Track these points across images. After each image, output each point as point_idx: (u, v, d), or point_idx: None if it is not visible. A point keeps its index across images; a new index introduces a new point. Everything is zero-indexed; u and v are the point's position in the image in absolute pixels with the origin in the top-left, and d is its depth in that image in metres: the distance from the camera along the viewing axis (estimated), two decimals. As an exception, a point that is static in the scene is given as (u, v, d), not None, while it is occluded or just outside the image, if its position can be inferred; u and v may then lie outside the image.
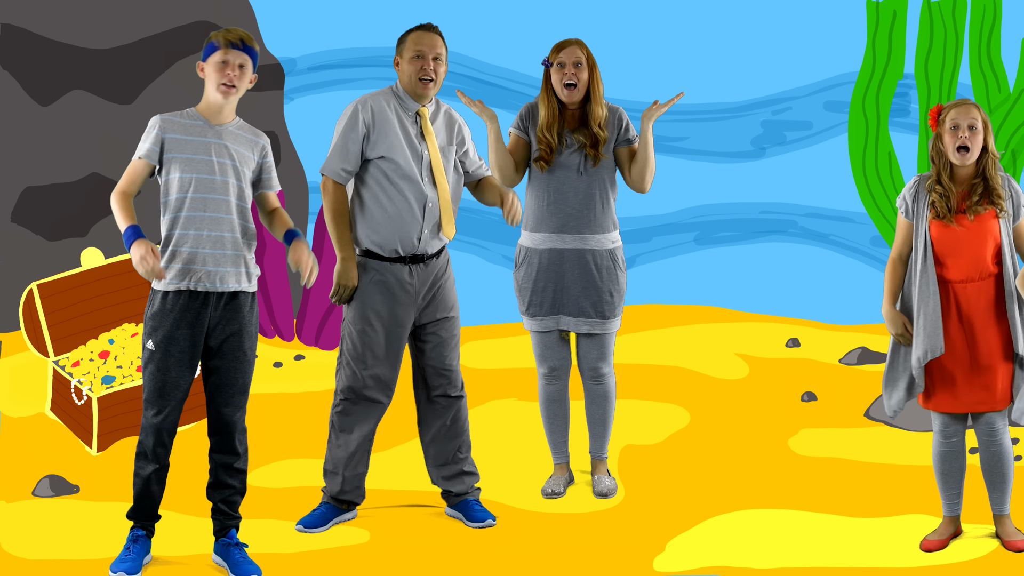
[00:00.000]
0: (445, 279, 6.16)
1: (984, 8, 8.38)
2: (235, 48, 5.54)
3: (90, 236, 8.68)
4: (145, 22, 8.82)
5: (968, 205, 5.64)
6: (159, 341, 5.52)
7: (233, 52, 5.54)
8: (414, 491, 6.52)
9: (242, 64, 5.55)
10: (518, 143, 6.30)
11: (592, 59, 6.23)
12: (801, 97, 9.20)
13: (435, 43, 6.02)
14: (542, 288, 6.35)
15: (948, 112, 5.65)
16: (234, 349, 5.61)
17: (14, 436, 7.19)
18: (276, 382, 7.93)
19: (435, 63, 6.00)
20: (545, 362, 6.46)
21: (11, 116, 8.74)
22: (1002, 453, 5.77)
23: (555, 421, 6.53)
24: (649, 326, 8.77)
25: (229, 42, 5.54)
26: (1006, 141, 8.37)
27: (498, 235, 9.15)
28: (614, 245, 6.34)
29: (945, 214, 5.63)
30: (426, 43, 6.01)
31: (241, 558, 5.71)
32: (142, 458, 5.61)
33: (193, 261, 5.51)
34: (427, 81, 5.99)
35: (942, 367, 5.71)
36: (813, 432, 6.97)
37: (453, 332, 6.19)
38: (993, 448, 5.76)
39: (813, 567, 5.71)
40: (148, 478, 5.63)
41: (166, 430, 5.57)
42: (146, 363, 5.57)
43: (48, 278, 7.34)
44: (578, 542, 5.99)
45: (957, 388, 5.72)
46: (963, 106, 5.64)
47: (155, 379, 5.54)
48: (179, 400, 5.56)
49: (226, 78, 5.53)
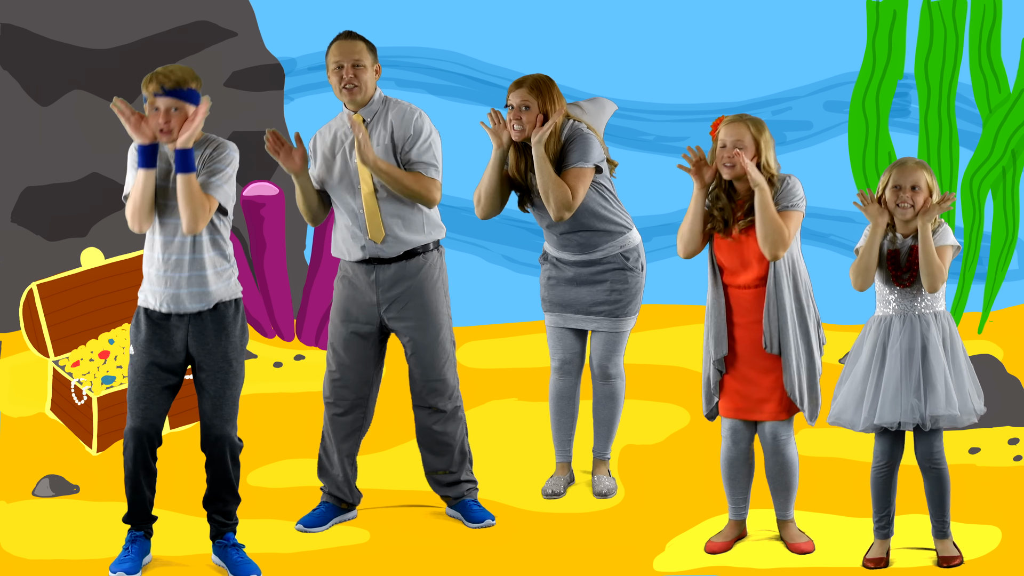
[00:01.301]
0: (419, 281, 6.09)
1: (984, 8, 8.37)
2: (159, 95, 5.47)
3: (90, 236, 8.67)
4: (145, 22, 8.81)
5: (740, 217, 5.72)
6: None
7: (160, 100, 5.47)
8: (414, 491, 6.51)
9: (176, 108, 5.48)
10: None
11: (539, 100, 6.17)
12: (801, 97, 9.19)
13: (351, 49, 6.01)
14: (554, 284, 6.37)
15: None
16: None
17: (14, 436, 7.18)
18: (276, 382, 7.93)
19: (356, 69, 5.99)
20: (556, 355, 6.47)
21: (11, 116, 8.73)
22: (785, 463, 5.79)
23: (561, 418, 6.52)
24: (649, 326, 8.76)
25: (154, 93, 5.46)
26: (1006, 141, 8.37)
27: (498, 235, 9.15)
28: (622, 248, 6.34)
29: (721, 228, 5.74)
30: (343, 52, 6.01)
31: (240, 558, 5.71)
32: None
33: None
34: (350, 88, 5.99)
35: (730, 372, 5.78)
36: (813, 432, 6.96)
37: (427, 339, 6.12)
38: (777, 457, 5.78)
39: (813, 567, 5.71)
40: (139, 483, 5.67)
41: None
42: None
43: (48, 278, 7.34)
44: (578, 542, 5.98)
45: (739, 394, 5.77)
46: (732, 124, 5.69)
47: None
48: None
49: (164, 124, 5.47)
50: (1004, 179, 8.46)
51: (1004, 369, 7.30)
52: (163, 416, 5.65)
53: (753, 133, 5.65)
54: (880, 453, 5.65)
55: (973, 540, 5.85)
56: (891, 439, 5.62)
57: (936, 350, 5.53)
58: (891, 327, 5.59)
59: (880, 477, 5.67)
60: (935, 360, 5.53)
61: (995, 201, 8.51)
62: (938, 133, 8.46)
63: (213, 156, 5.54)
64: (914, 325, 5.55)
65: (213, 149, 5.55)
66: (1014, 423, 6.98)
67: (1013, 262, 8.95)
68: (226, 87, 8.74)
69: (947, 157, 8.46)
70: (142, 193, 5.46)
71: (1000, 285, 8.58)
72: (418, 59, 8.97)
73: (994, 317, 8.76)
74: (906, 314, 5.57)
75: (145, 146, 5.45)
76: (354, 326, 6.13)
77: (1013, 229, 8.49)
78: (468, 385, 7.03)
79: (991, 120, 8.38)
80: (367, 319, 6.12)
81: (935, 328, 5.56)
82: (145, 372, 5.61)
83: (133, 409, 5.62)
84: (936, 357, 5.53)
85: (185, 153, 5.43)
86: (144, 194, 5.46)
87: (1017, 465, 6.68)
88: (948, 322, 5.59)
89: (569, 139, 6.18)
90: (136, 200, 5.47)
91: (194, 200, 5.43)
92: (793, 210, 5.64)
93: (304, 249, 8.93)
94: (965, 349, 5.62)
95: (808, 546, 5.82)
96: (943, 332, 5.57)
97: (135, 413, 5.61)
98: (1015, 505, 6.24)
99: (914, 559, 5.72)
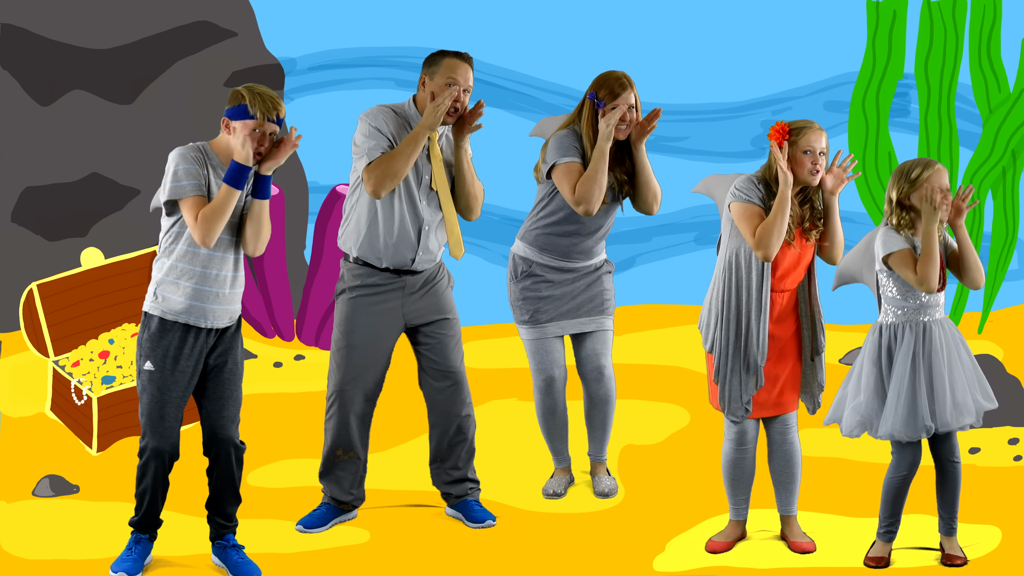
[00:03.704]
0: (437, 282, 6.14)
1: (984, 8, 8.38)
2: (271, 121, 5.45)
3: (90, 236, 8.67)
4: (145, 22, 8.81)
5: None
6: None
7: (269, 125, 5.45)
8: (414, 491, 6.52)
9: (272, 133, 5.49)
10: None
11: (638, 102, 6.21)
12: (801, 97, 9.19)
13: (469, 76, 5.97)
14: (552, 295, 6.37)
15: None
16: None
17: (14, 436, 7.19)
18: (276, 382, 7.93)
19: (466, 95, 5.97)
20: (545, 371, 6.44)
21: (11, 116, 8.73)
22: (793, 453, 5.84)
23: (553, 431, 6.53)
24: (649, 326, 8.76)
25: (266, 116, 5.43)
26: (1006, 141, 8.37)
27: (498, 235, 9.14)
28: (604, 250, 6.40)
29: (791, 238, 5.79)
30: (464, 75, 5.95)
31: (240, 559, 5.71)
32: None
33: None
34: (455, 112, 5.96)
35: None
36: (813, 432, 6.96)
37: (451, 332, 6.17)
38: (785, 447, 5.82)
39: (813, 567, 5.71)
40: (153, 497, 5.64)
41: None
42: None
43: (48, 278, 7.34)
44: (578, 542, 5.99)
45: (768, 393, 5.79)
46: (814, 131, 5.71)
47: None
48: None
49: (258, 147, 5.45)
50: (1004, 179, 8.46)
51: (1004, 369, 7.31)
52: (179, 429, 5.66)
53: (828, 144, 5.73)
54: (903, 463, 5.63)
55: (973, 540, 5.85)
56: (915, 448, 5.63)
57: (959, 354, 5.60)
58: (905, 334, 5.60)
59: (898, 485, 5.66)
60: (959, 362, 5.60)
61: (995, 201, 8.51)
62: (938, 133, 8.46)
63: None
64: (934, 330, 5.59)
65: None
66: (1014, 423, 6.99)
67: (1013, 262, 8.95)
68: (226, 87, 8.74)
69: (947, 157, 8.46)
70: (226, 210, 5.40)
71: (1000, 285, 8.58)
72: (418, 59, 8.96)
73: (994, 317, 8.76)
74: (919, 320, 5.59)
75: (243, 166, 5.42)
76: (375, 329, 6.08)
77: (1013, 229, 8.49)
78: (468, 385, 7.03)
79: (991, 120, 8.38)
80: (390, 321, 6.08)
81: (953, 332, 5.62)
82: (171, 390, 5.52)
83: (157, 428, 5.51)
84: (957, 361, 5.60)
85: (267, 180, 5.48)
86: (227, 211, 5.41)
87: (1017, 465, 6.68)
88: (951, 325, 5.65)
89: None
90: (222, 215, 5.40)
91: (265, 227, 5.50)
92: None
93: (304, 249, 8.93)
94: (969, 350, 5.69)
95: (809, 546, 5.82)
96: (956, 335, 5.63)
97: (159, 433, 5.52)
98: (1015, 505, 6.25)
99: (915, 559, 5.73)
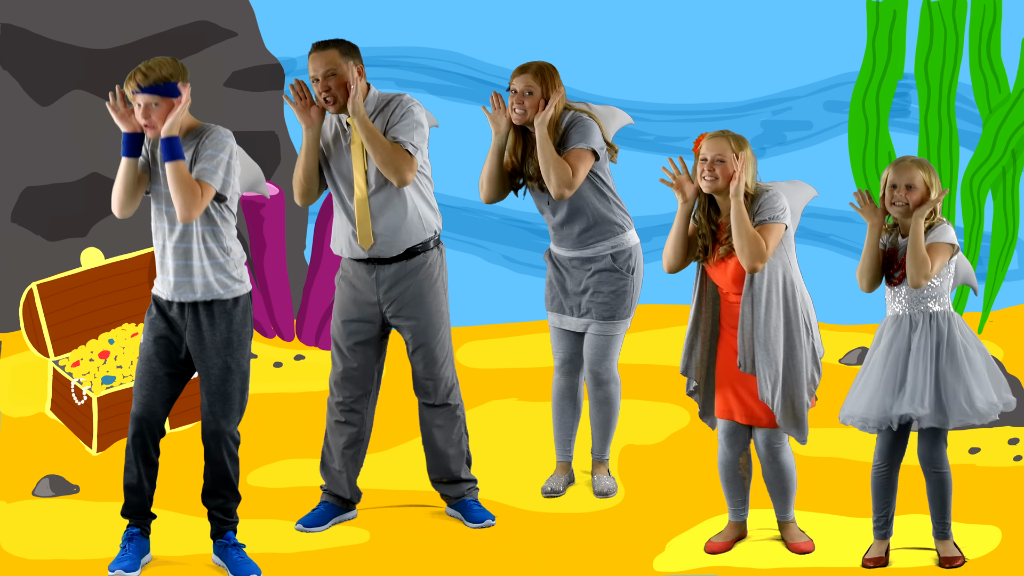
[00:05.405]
0: (420, 281, 6.08)
1: (984, 8, 8.37)
2: (137, 93, 5.48)
3: (90, 236, 8.67)
4: (145, 22, 8.80)
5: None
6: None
7: (140, 97, 5.48)
8: (414, 491, 6.51)
9: (156, 103, 5.48)
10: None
11: (542, 86, 6.20)
12: (801, 97, 9.18)
13: (323, 61, 5.89)
14: (552, 283, 6.38)
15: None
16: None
17: (14, 436, 7.18)
18: (276, 382, 7.93)
19: (332, 80, 5.87)
20: (556, 354, 6.47)
21: (11, 116, 8.73)
22: (781, 469, 5.81)
23: (563, 417, 6.53)
24: (649, 326, 8.76)
25: (132, 90, 5.48)
26: (1006, 141, 8.37)
27: (498, 235, 9.14)
28: (613, 249, 6.32)
29: (702, 258, 5.80)
30: (316, 65, 5.91)
31: (240, 558, 5.71)
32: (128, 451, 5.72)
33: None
34: (328, 102, 5.92)
35: (721, 374, 5.80)
36: (813, 432, 6.95)
37: (427, 338, 6.12)
38: (773, 465, 5.80)
39: (813, 567, 5.71)
40: (135, 472, 5.67)
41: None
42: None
43: (48, 278, 7.33)
44: (578, 542, 5.98)
45: (733, 398, 5.78)
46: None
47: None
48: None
49: (144, 118, 5.50)
50: (1004, 179, 8.45)
51: (1004, 369, 7.30)
52: (165, 405, 5.67)
53: (733, 148, 5.66)
54: (880, 453, 5.65)
55: (973, 540, 5.85)
56: (892, 439, 5.63)
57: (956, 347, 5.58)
58: (900, 326, 5.60)
59: (880, 477, 5.67)
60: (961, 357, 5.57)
61: (995, 201, 8.50)
62: (938, 133, 8.46)
63: (205, 143, 5.56)
64: (927, 324, 5.57)
65: (207, 137, 5.56)
66: (1014, 423, 6.98)
67: (1013, 262, 8.95)
68: (226, 87, 8.74)
69: (947, 157, 8.45)
70: (122, 182, 5.53)
71: (1000, 285, 8.58)
72: (418, 59, 8.97)
73: (994, 317, 8.75)
74: (913, 313, 5.58)
75: (128, 134, 5.51)
76: (355, 325, 6.13)
77: (1013, 229, 8.49)
78: (468, 385, 7.03)
79: (991, 120, 8.38)
80: (368, 317, 6.11)
81: (954, 326, 5.59)
82: (147, 360, 5.68)
83: (136, 395, 5.69)
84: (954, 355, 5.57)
85: (169, 141, 5.46)
86: (124, 182, 5.53)
87: (1017, 465, 6.68)
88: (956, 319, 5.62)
89: (570, 124, 6.21)
90: (116, 187, 5.55)
91: (182, 187, 5.45)
92: (773, 223, 5.63)
93: (304, 249, 8.93)
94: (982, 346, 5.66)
95: (808, 546, 5.82)
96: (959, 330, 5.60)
97: (137, 399, 5.69)
98: (1015, 505, 6.24)
99: (914, 559, 5.73)
